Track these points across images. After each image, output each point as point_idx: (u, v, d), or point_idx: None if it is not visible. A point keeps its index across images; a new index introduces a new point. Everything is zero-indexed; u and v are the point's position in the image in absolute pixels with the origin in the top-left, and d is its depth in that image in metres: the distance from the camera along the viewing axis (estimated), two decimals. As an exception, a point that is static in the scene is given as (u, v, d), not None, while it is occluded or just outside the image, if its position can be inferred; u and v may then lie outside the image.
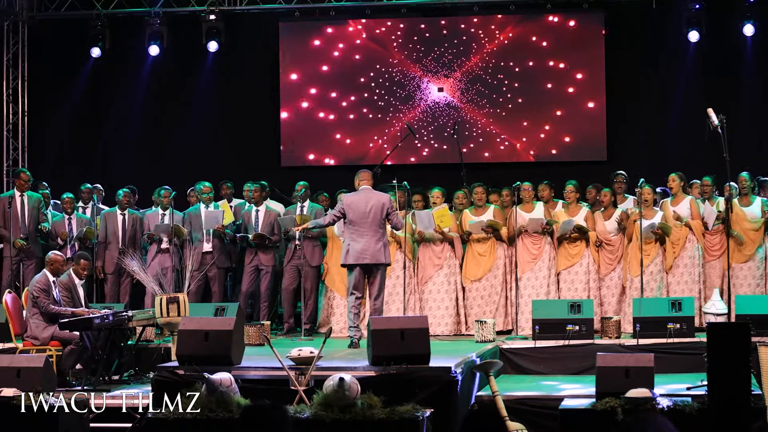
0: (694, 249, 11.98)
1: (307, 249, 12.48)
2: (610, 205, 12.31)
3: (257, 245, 12.67)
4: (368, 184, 11.01)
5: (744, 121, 14.18)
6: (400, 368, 8.75)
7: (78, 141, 16.00)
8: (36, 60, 15.96)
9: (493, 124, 15.28)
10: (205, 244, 12.69)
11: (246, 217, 12.89)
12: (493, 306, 12.16)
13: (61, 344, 10.51)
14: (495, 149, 15.30)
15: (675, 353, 10.55)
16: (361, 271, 10.82)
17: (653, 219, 11.91)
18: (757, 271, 11.96)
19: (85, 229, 12.73)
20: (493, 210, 12.35)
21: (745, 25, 14.46)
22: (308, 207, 12.68)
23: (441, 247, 12.25)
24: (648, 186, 11.96)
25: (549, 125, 15.20)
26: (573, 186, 12.36)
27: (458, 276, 12.26)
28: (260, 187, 12.93)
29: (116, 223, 12.91)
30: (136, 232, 12.94)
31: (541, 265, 12.13)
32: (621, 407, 8.11)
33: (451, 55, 15.34)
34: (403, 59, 15.43)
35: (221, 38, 15.43)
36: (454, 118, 15.16)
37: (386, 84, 15.46)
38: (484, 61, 15.28)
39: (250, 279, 12.75)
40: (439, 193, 12.38)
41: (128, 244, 12.78)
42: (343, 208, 10.89)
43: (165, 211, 12.90)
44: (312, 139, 15.67)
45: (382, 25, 15.56)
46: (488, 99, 15.26)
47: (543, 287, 12.09)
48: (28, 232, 12.68)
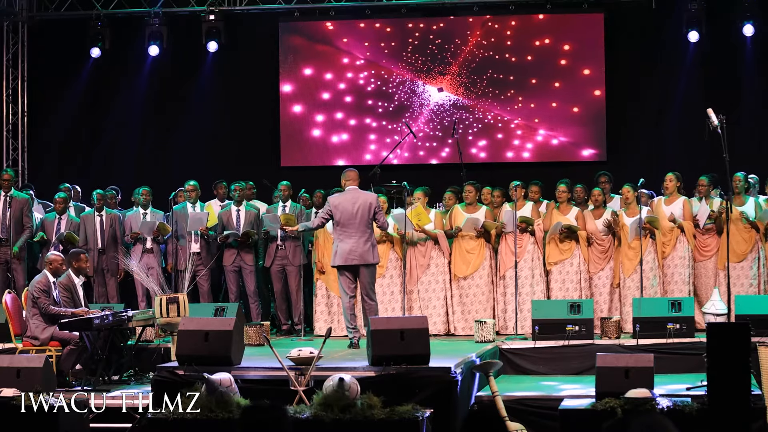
0: (684, 250, 11.99)
1: (289, 249, 12.47)
2: (600, 204, 12.31)
3: (241, 243, 12.65)
4: (355, 184, 10.95)
5: (744, 121, 14.19)
6: (400, 368, 8.74)
7: (78, 141, 16.01)
8: (36, 60, 15.97)
9: (493, 124, 15.28)
10: (193, 244, 12.68)
11: (225, 217, 12.85)
12: (480, 306, 12.14)
13: (60, 344, 10.50)
14: (495, 149, 15.30)
15: (675, 353, 10.55)
16: (351, 271, 10.82)
17: (636, 217, 11.89)
18: (751, 271, 11.95)
19: (65, 233, 12.64)
20: (485, 211, 12.33)
21: (745, 25, 14.46)
22: (290, 207, 12.66)
23: (425, 246, 12.24)
24: (628, 185, 11.98)
25: (549, 125, 15.20)
26: (565, 185, 12.36)
27: (446, 274, 12.25)
28: (241, 187, 12.88)
29: (94, 225, 12.86)
30: (115, 232, 12.90)
31: (522, 265, 12.11)
32: (621, 407, 8.11)
33: (452, 55, 15.34)
34: (403, 59, 15.42)
35: (221, 38, 15.43)
36: (454, 118, 15.15)
37: (386, 84, 15.47)
38: (483, 61, 15.28)
39: (235, 279, 12.74)
40: (421, 193, 12.34)
41: (108, 245, 12.75)
42: (330, 210, 10.88)
43: (145, 210, 12.89)
44: (312, 138, 15.67)
45: (382, 25, 15.55)
46: (488, 99, 15.26)
47: (525, 287, 12.06)
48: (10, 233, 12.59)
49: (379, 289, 12.08)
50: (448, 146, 15.17)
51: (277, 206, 12.77)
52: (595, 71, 15.09)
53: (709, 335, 8.06)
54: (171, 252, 12.61)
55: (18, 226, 12.64)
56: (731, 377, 7.84)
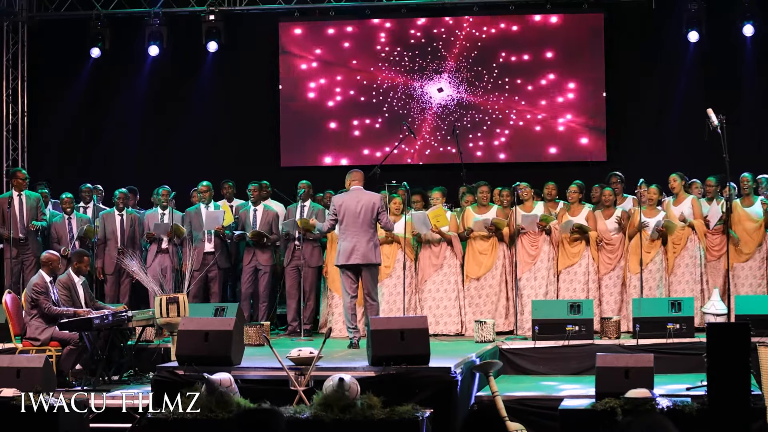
0: (696, 249, 11.98)
1: (307, 250, 12.48)
2: (611, 204, 12.31)
3: (255, 244, 12.67)
4: (359, 184, 11.00)
5: (744, 121, 14.18)
6: (400, 368, 8.74)
7: (78, 141, 16.01)
8: (36, 60, 15.97)
9: (493, 125, 15.28)
10: (206, 244, 12.69)
11: (243, 216, 12.90)
12: (492, 306, 12.16)
13: (60, 345, 10.50)
14: (494, 149, 15.31)
15: (675, 353, 10.55)
16: (353, 271, 10.83)
17: (657, 218, 11.91)
18: (758, 271, 11.95)
19: (85, 227, 12.73)
20: (496, 210, 12.34)
21: (745, 25, 14.46)
22: (309, 207, 12.68)
23: (440, 247, 12.25)
24: (655, 186, 11.97)
25: (549, 125, 15.19)
26: (577, 186, 12.35)
27: (459, 276, 12.26)
28: (259, 187, 12.95)
29: (114, 224, 12.91)
30: (134, 232, 12.94)
31: (539, 265, 12.13)
32: (621, 407, 8.11)
33: (452, 55, 15.34)
34: (403, 59, 15.42)
35: (221, 38, 15.43)
36: (454, 118, 15.16)
37: (386, 83, 15.46)
38: (484, 61, 15.28)
39: (248, 279, 12.75)
40: (438, 194, 12.38)
41: (127, 245, 12.78)
42: (336, 210, 10.89)
43: (164, 210, 12.91)
44: (312, 139, 15.67)
45: (383, 25, 15.55)
46: (488, 99, 15.25)
47: (542, 287, 12.09)
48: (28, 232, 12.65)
49: (387, 290, 12.10)
50: (448, 146, 15.16)
51: (296, 206, 12.77)
52: (595, 71, 15.08)
53: (709, 335, 8.06)
54: (186, 253, 12.60)
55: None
56: (731, 377, 7.84)
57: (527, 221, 12.03)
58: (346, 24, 15.59)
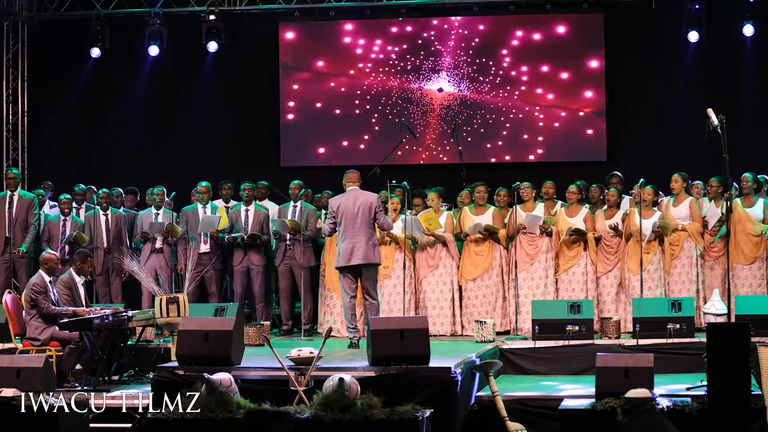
0: (692, 249, 11.97)
1: (297, 250, 12.46)
2: (614, 205, 12.29)
3: (248, 245, 12.66)
4: (356, 185, 11.00)
5: (744, 121, 14.18)
6: (400, 368, 8.75)
7: (78, 141, 16.00)
8: (36, 60, 15.96)
9: (493, 125, 15.28)
10: (202, 245, 12.68)
11: (234, 217, 12.87)
12: (489, 306, 12.16)
13: (60, 344, 10.51)
14: (494, 149, 15.31)
15: (675, 353, 10.55)
16: (352, 271, 10.82)
17: (652, 218, 11.90)
18: (758, 271, 11.95)
19: (75, 233, 12.65)
20: (493, 211, 12.33)
21: (745, 26, 14.46)
22: (301, 207, 12.66)
23: (435, 248, 12.25)
24: (650, 186, 11.96)
25: (548, 125, 15.19)
26: (576, 186, 12.35)
27: (454, 276, 12.25)
28: (250, 187, 12.91)
29: (99, 224, 12.87)
30: (120, 231, 12.90)
31: (537, 266, 12.12)
32: (621, 407, 8.11)
33: (451, 55, 15.34)
34: (404, 59, 15.42)
35: (221, 38, 15.43)
36: (454, 118, 15.16)
37: (386, 83, 15.46)
38: (484, 61, 15.28)
39: (242, 280, 12.73)
40: (435, 195, 12.36)
41: (113, 244, 12.76)
42: (333, 212, 10.89)
43: (159, 210, 12.90)
44: (312, 139, 15.66)
45: (383, 25, 15.55)
46: (488, 99, 15.25)
47: (540, 287, 12.08)
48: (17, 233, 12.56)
49: (386, 290, 12.10)
50: (449, 146, 15.16)
51: (288, 206, 12.76)
52: (595, 71, 15.08)
53: (709, 335, 8.06)
54: (181, 253, 12.59)
55: (23, 225, 12.65)
56: (731, 377, 7.84)
57: (529, 220, 12.03)
58: (346, 24, 15.59)
